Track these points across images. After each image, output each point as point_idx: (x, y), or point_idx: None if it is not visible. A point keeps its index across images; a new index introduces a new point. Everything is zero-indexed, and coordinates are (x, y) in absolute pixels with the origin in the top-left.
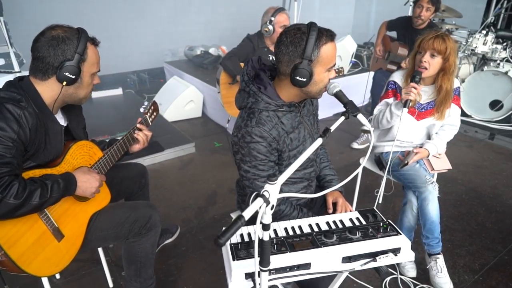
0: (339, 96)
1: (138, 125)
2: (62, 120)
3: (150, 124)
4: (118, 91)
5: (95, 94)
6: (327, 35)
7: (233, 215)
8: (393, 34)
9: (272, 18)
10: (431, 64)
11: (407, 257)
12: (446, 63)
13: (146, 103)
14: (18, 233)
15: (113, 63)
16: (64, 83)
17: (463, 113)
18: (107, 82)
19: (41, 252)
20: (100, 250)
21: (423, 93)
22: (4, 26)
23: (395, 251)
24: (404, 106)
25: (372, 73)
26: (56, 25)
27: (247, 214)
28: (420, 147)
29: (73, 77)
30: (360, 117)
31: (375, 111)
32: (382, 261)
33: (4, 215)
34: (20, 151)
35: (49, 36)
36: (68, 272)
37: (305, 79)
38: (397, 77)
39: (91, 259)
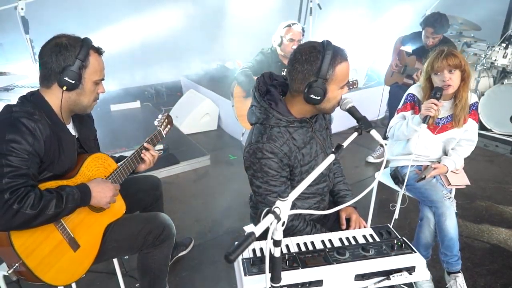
0: (352, 111)
1: (145, 145)
2: (73, 131)
3: (164, 136)
4: (136, 104)
5: (113, 107)
6: (342, 55)
7: (247, 229)
8: (406, 48)
9: (281, 30)
10: (453, 79)
11: (422, 276)
12: (465, 74)
13: (160, 116)
14: (35, 242)
15: (132, 77)
16: (64, 88)
17: (483, 127)
18: (125, 95)
19: (57, 262)
20: (115, 261)
21: (441, 109)
22: (30, 43)
23: (410, 269)
24: (424, 122)
25: (386, 87)
26: (63, 34)
27: (258, 230)
28: (438, 162)
29: (73, 82)
30: (374, 133)
31: (391, 123)
32: (396, 280)
33: (21, 225)
34: (36, 163)
35: (53, 43)
36: (83, 282)
37: (319, 97)
38: (416, 90)
39: (106, 270)
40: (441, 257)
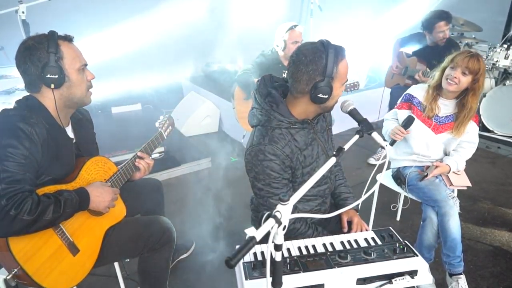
0: (354, 114)
1: (139, 154)
2: (71, 134)
3: (165, 138)
4: (137, 107)
5: (115, 110)
6: (342, 52)
7: (248, 232)
8: (405, 50)
9: (285, 34)
10: (460, 81)
11: (424, 280)
12: (476, 84)
13: (161, 117)
14: (34, 248)
15: (133, 79)
16: (52, 85)
17: (485, 129)
18: (126, 98)
19: (56, 267)
20: (116, 264)
21: (443, 107)
22: None
23: (412, 273)
24: (391, 144)
25: (387, 89)
26: (28, 37)
27: (259, 235)
28: (440, 161)
29: (56, 76)
30: (375, 135)
31: (386, 116)
32: (398, 284)
33: (19, 231)
34: (33, 167)
35: (22, 49)
36: (84, 286)
37: (326, 96)
38: (417, 91)
39: (107, 273)
40: (443, 259)
